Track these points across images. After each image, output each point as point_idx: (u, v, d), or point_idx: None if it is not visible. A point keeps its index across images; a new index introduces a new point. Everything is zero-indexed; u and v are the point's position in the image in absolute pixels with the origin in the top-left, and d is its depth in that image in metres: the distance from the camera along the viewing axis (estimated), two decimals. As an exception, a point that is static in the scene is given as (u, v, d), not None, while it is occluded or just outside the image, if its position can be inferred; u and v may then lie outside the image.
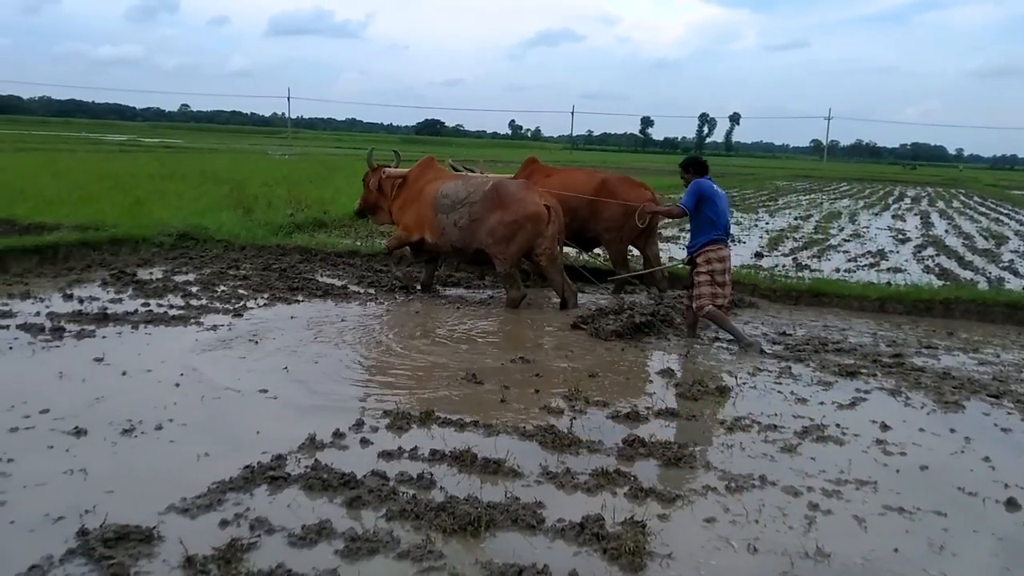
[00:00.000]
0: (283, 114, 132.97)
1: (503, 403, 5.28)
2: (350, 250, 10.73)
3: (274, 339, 6.59)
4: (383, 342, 6.71)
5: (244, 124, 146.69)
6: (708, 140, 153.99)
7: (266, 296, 8.18)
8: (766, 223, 18.77)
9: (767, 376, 6.18)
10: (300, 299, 8.19)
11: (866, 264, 12.64)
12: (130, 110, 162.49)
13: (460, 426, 4.78)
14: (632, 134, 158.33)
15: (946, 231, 18.68)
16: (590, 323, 7.41)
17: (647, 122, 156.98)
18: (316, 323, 7.23)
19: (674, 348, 6.97)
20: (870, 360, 6.74)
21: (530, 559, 3.26)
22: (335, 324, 7.24)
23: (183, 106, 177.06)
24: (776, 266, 11.77)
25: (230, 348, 6.27)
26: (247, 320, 7.17)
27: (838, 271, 11.59)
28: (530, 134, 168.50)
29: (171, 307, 7.49)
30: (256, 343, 6.45)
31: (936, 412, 5.55)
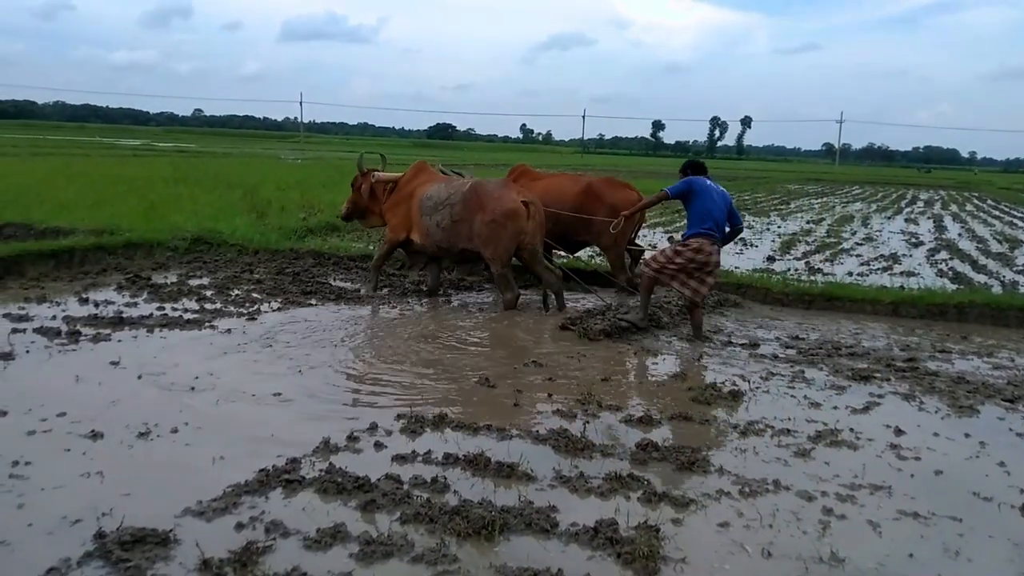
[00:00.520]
0: (296, 118, 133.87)
1: (516, 407, 5.29)
2: (363, 254, 10.77)
3: (288, 343, 6.62)
4: (396, 346, 6.73)
5: (257, 128, 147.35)
6: (719, 144, 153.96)
7: (280, 300, 8.22)
8: (778, 227, 18.73)
9: (780, 380, 6.17)
10: (313, 303, 8.23)
11: (879, 268, 12.59)
12: (144, 115, 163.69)
13: (473, 430, 4.79)
14: (643, 138, 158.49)
15: (959, 234, 18.59)
16: (578, 324, 7.50)
17: (658, 126, 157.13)
18: (329, 327, 7.26)
19: (686, 352, 6.97)
20: (884, 364, 6.72)
21: (544, 563, 3.27)
22: (348, 328, 7.27)
23: (196, 111, 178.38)
24: (788, 270, 11.75)
25: (244, 352, 6.31)
26: (261, 324, 7.21)
27: (851, 275, 11.55)
28: (541, 138, 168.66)
29: (186, 311, 7.54)
30: (270, 347, 6.48)
31: (950, 417, 5.52)
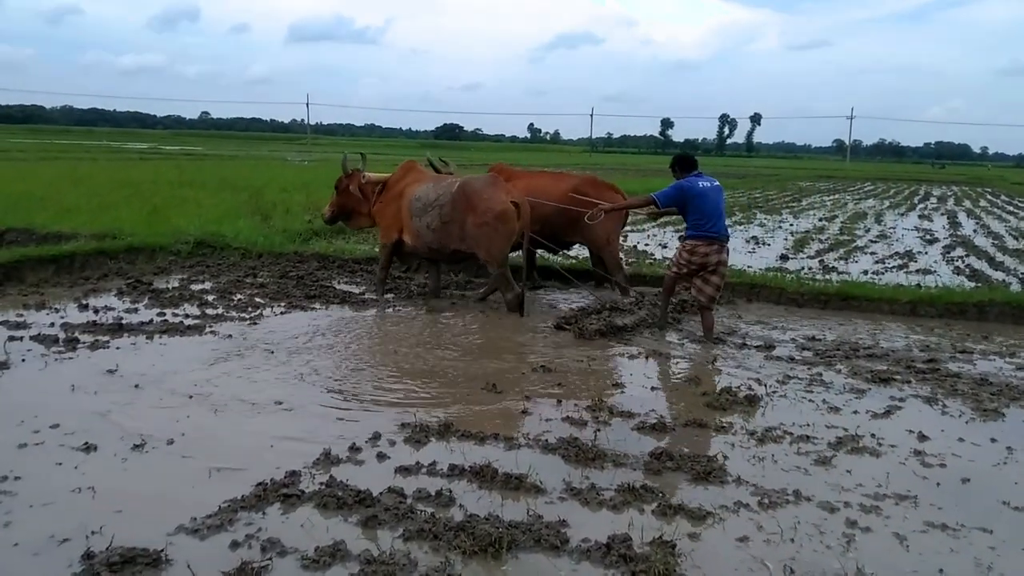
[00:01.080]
0: (303, 120, 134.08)
1: (524, 414, 5.11)
2: (368, 256, 10.60)
3: (290, 349, 6.46)
4: (400, 351, 6.57)
5: (264, 131, 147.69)
6: (729, 141, 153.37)
7: (283, 304, 8.07)
8: (790, 224, 18.50)
9: (797, 384, 5.98)
10: (317, 307, 8.07)
11: (894, 266, 12.38)
12: (151, 118, 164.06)
13: (480, 439, 4.61)
14: (652, 136, 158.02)
15: (974, 231, 18.34)
16: (573, 323, 7.41)
17: (667, 124, 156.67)
18: (332, 332, 7.10)
19: (699, 355, 6.77)
20: (903, 366, 6.52)
21: (554, 583, 3.09)
22: (351, 333, 7.11)
23: (203, 113, 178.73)
24: (802, 268, 11.53)
25: (245, 358, 6.15)
26: (263, 329, 7.05)
27: (866, 273, 11.34)
28: (549, 137, 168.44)
29: (187, 316, 7.39)
30: (272, 353, 6.32)
31: (975, 420, 5.33)
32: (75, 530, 3.39)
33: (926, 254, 14.00)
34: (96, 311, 7.46)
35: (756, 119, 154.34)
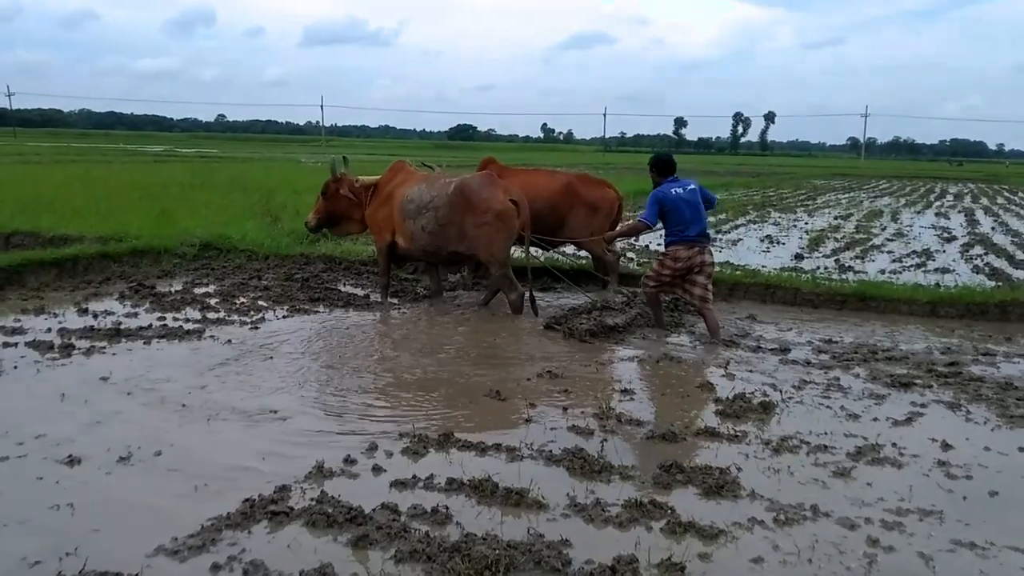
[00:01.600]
0: (317, 122, 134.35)
1: (528, 423, 4.90)
2: (375, 258, 10.41)
3: (289, 354, 6.28)
4: (402, 356, 6.37)
5: (279, 133, 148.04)
6: (743, 140, 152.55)
7: (286, 308, 7.89)
8: (805, 223, 18.20)
9: (814, 389, 5.75)
10: (320, 310, 7.89)
11: (912, 264, 12.09)
12: (168, 121, 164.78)
13: (481, 450, 4.41)
14: (665, 135, 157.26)
15: (992, 228, 17.99)
16: (563, 323, 7.29)
17: (680, 123, 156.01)
18: (333, 337, 6.92)
19: (711, 359, 6.55)
20: (924, 369, 6.28)
21: (554, 610, 2.89)
22: (353, 337, 6.93)
23: (219, 116, 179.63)
24: (818, 268, 11.27)
25: (242, 364, 5.97)
26: (263, 334, 6.87)
27: (883, 272, 11.06)
28: (562, 137, 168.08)
29: (187, 321, 7.23)
30: (270, 359, 6.14)
31: (1001, 428, 5.08)
32: (49, 551, 3.21)
33: (944, 252, 13.69)
34: (95, 316, 7.31)
35: (770, 117, 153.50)
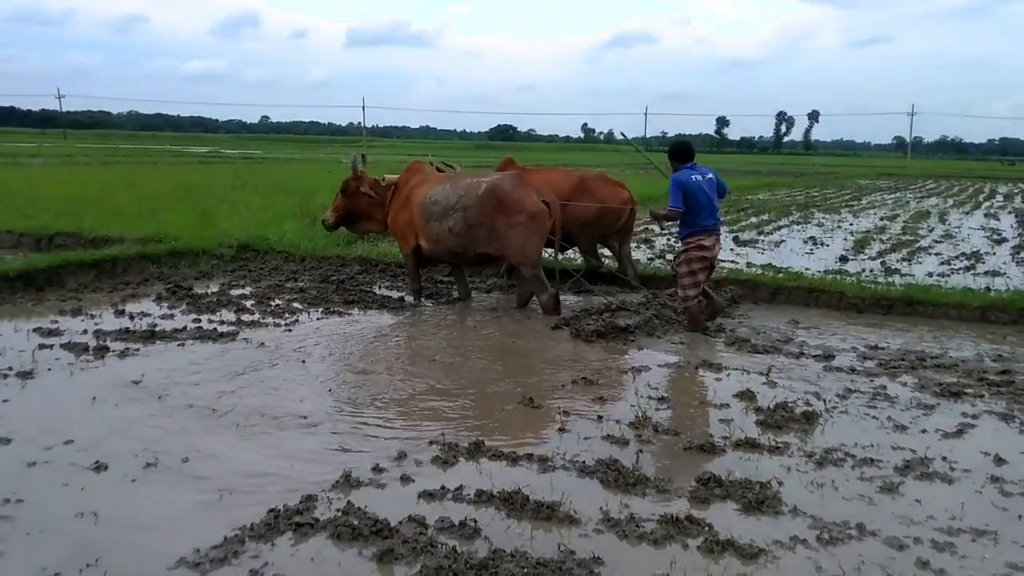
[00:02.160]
0: (359, 123, 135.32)
1: (561, 431, 4.78)
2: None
3: (322, 358, 6.22)
4: (433, 361, 6.28)
5: (321, 134, 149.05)
6: (786, 139, 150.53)
7: (320, 310, 7.85)
8: (850, 224, 17.81)
9: (859, 398, 5.54)
10: (355, 313, 7.84)
11: (961, 267, 11.72)
12: (213, 123, 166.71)
13: (512, 460, 4.29)
14: (707, 134, 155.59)
15: (1046, 229, 17.45)
16: (571, 323, 7.27)
17: (723, 122, 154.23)
18: (366, 340, 6.86)
19: (752, 365, 6.35)
20: (975, 378, 6.03)
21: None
22: (386, 341, 6.87)
23: (264, 117, 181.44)
24: (863, 271, 10.97)
25: (275, 368, 5.92)
26: (296, 337, 6.83)
27: (931, 275, 10.74)
28: (603, 137, 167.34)
29: (222, 323, 7.21)
30: (303, 362, 6.09)
31: (1059, 442, 4.84)
32: (69, 562, 3.16)
33: (994, 255, 13.28)
34: (131, 317, 7.32)
35: (814, 116, 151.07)
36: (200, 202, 15.71)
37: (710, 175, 7.37)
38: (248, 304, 7.97)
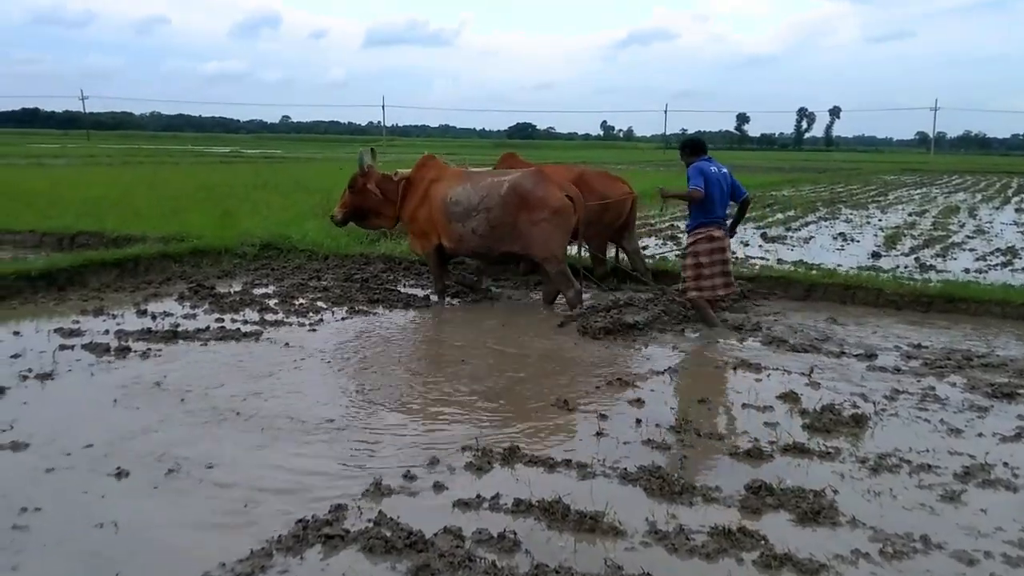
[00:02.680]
0: (379, 122, 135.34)
1: (599, 436, 4.57)
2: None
3: (347, 358, 6.05)
4: (462, 361, 6.09)
5: (341, 133, 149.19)
6: (807, 135, 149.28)
7: (345, 309, 7.68)
8: (879, 219, 17.46)
9: (908, 399, 5.29)
10: (379, 311, 7.66)
11: (997, 263, 11.40)
12: (234, 123, 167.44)
13: (549, 466, 4.09)
14: (727, 131, 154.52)
15: (1081, 224, 17.03)
16: (578, 320, 7.17)
17: (743, 119, 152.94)
18: (393, 340, 6.68)
19: (793, 365, 6.11)
20: (1027, 378, 5.77)
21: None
22: (412, 340, 6.69)
23: (284, 117, 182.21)
24: (897, 267, 10.68)
25: (299, 369, 5.76)
26: (321, 336, 6.66)
27: (967, 271, 10.44)
28: (622, 135, 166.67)
29: (245, 322, 7.06)
30: (328, 363, 5.92)
31: (1125, 446, 4.58)
32: (87, 576, 2.99)
33: (1031, 250, 12.93)
34: (153, 317, 7.17)
35: (835, 112, 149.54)
36: (222, 202, 15.62)
37: (725, 170, 7.33)
38: (271, 303, 7.82)
